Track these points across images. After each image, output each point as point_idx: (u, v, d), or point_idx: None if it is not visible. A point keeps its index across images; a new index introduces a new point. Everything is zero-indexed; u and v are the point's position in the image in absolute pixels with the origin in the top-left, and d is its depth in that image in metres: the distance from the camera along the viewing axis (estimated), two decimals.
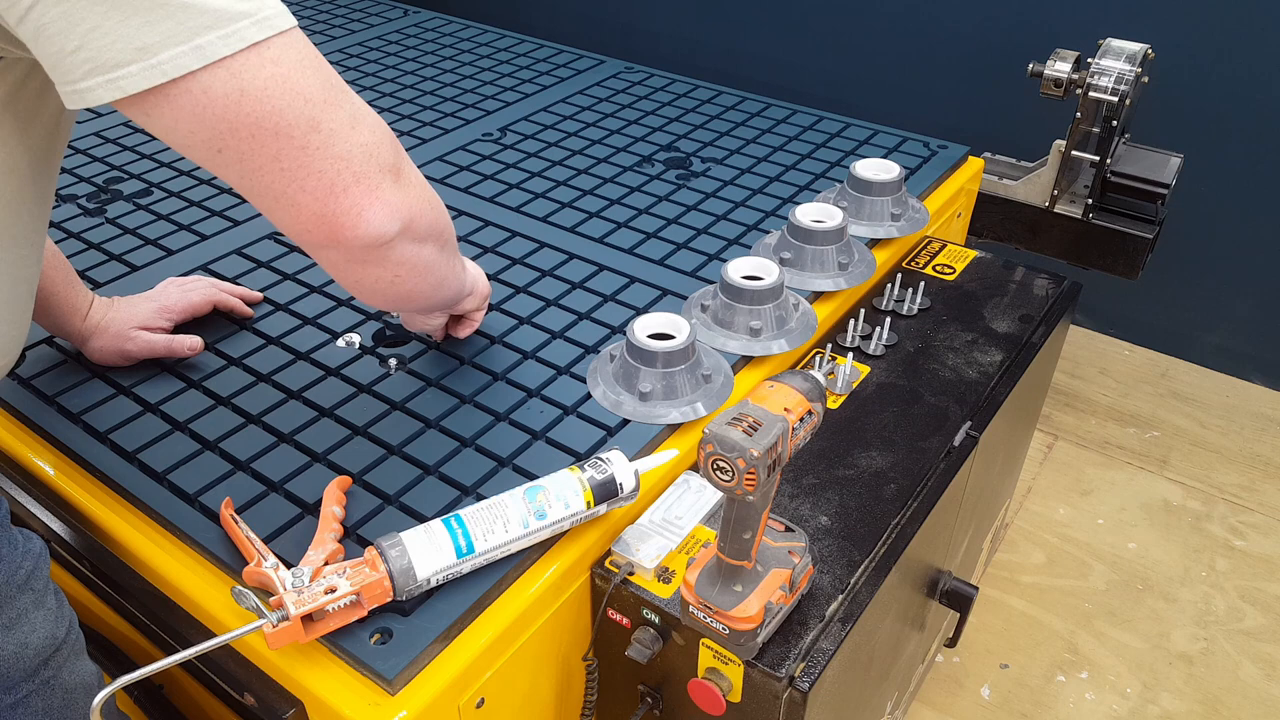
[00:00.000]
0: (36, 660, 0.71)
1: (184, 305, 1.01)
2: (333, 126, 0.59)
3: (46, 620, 0.72)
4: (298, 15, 1.95)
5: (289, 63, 0.56)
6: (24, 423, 0.94)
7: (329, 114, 0.59)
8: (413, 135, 1.48)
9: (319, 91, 0.58)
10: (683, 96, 1.63)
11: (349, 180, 0.60)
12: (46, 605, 0.72)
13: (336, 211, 0.61)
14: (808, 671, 0.74)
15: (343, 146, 0.60)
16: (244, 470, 0.86)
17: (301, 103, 0.57)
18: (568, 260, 1.18)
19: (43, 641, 0.72)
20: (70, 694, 0.76)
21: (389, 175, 0.63)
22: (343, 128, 0.60)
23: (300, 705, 0.73)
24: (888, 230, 1.22)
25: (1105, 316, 2.17)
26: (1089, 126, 1.50)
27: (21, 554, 0.70)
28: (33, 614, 0.71)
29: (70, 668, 0.75)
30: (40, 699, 0.73)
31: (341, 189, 0.60)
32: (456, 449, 0.89)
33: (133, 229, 1.22)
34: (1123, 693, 1.42)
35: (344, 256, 0.66)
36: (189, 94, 0.54)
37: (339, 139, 0.59)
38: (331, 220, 0.61)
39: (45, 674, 0.73)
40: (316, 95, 0.58)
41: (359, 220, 0.62)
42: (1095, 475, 1.81)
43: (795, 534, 0.78)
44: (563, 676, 0.86)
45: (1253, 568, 1.62)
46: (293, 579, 0.69)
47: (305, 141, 0.58)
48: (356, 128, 0.61)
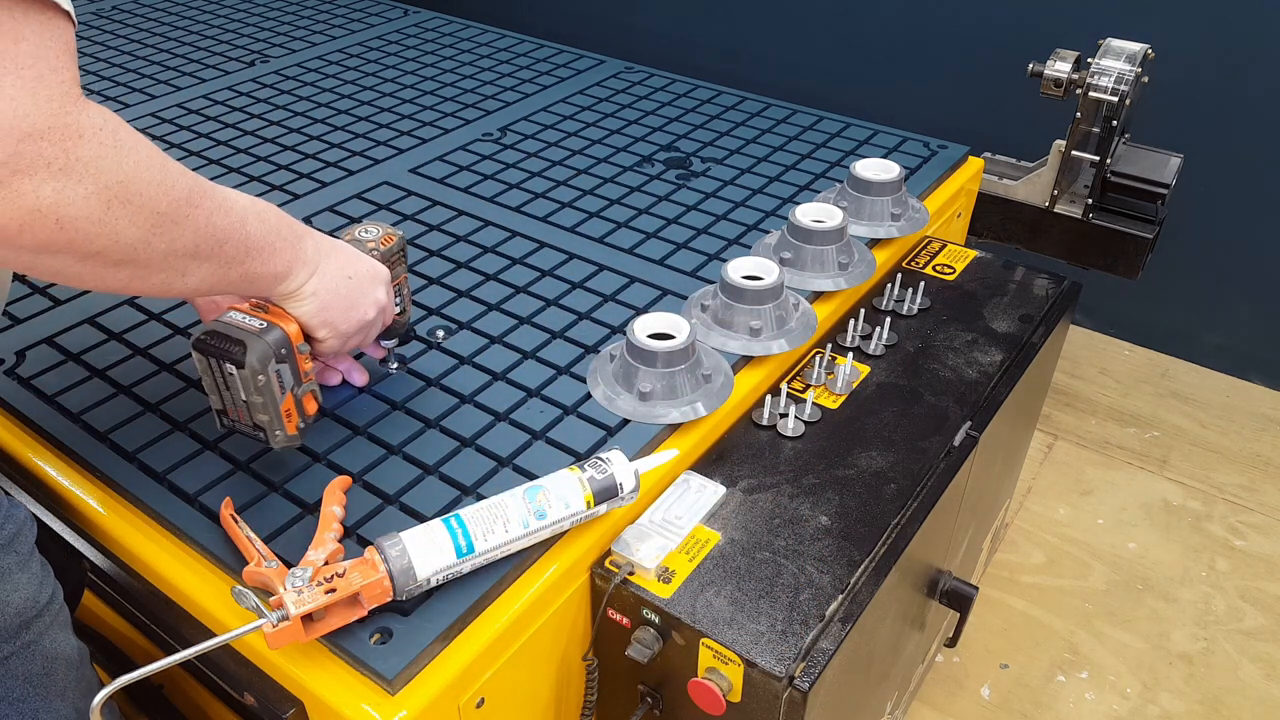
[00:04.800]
0: (17, 620, 0.71)
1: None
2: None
3: (30, 583, 0.72)
4: (298, 15, 1.96)
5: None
6: (24, 423, 0.94)
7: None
8: (413, 135, 1.48)
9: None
10: (683, 96, 1.63)
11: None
12: (30, 569, 0.72)
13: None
14: (808, 671, 0.74)
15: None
16: (244, 470, 0.86)
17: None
18: (568, 260, 1.18)
19: (24, 602, 0.71)
20: (51, 663, 0.75)
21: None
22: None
23: (300, 705, 0.73)
24: (888, 230, 1.22)
25: (1105, 316, 2.17)
26: (1089, 126, 1.50)
27: (5, 516, 0.70)
28: (15, 574, 0.70)
29: (52, 636, 0.75)
30: (20, 663, 0.72)
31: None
32: (456, 449, 0.89)
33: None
34: (1123, 693, 1.42)
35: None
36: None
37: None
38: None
39: (26, 637, 0.72)
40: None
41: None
42: (1095, 475, 1.81)
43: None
44: (563, 676, 0.86)
45: (1253, 568, 1.62)
46: (293, 579, 0.69)
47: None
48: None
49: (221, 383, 0.78)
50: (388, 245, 0.90)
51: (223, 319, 0.78)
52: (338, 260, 0.80)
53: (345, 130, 1.49)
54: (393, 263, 0.91)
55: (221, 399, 0.80)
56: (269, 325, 0.77)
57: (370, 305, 0.84)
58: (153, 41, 1.84)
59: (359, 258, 0.84)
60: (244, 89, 1.63)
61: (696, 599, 0.79)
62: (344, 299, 0.81)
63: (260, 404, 0.78)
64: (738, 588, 0.80)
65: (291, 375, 0.79)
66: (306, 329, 0.80)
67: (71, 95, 0.54)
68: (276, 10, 2.01)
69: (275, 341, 0.77)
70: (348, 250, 0.83)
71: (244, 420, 0.80)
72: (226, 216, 0.67)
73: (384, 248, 0.90)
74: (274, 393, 0.78)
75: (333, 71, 1.71)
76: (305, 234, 0.77)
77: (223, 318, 0.78)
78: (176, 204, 0.62)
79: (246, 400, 0.78)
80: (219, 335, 0.76)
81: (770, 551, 0.83)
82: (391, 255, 0.91)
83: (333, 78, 1.68)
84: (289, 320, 0.78)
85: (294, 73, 1.70)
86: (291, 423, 0.81)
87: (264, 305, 0.79)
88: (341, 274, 0.80)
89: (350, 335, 0.83)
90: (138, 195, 0.59)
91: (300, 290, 0.77)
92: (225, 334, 0.76)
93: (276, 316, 0.78)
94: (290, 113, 1.55)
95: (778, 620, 0.77)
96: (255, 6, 2.04)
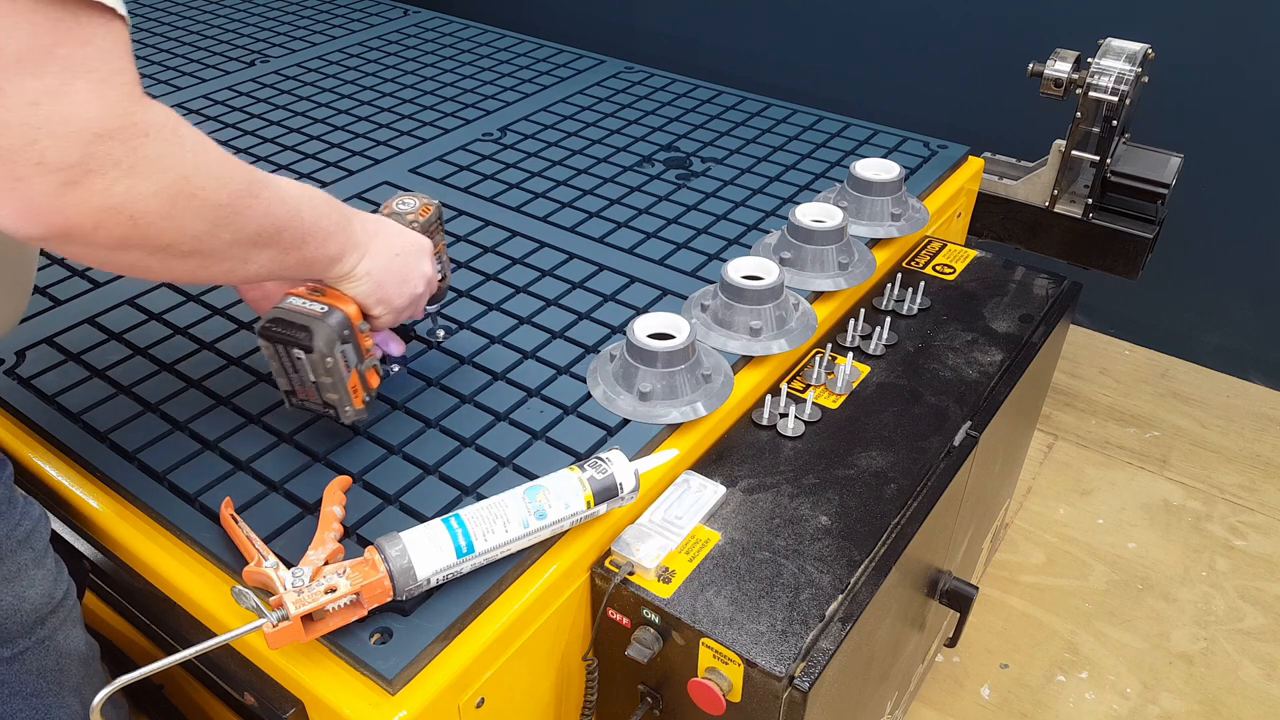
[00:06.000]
0: (33, 616, 0.73)
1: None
2: (5, 89, 0.51)
3: (45, 579, 0.73)
4: (298, 15, 1.96)
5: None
6: (24, 423, 0.94)
7: (12, 76, 0.51)
8: (413, 135, 1.48)
9: (17, 48, 0.50)
10: (683, 96, 1.63)
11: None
12: (45, 566, 0.74)
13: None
14: (808, 671, 0.74)
15: (1, 113, 0.51)
16: (244, 470, 0.86)
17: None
18: (568, 260, 1.18)
19: (40, 598, 0.73)
20: (64, 659, 0.77)
21: (50, 174, 0.53)
22: (19, 97, 0.51)
23: (300, 705, 0.73)
24: (888, 230, 1.22)
25: (1105, 316, 2.17)
26: (1089, 126, 1.50)
27: (21, 513, 0.71)
28: (32, 571, 0.72)
29: (66, 632, 0.76)
30: (35, 658, 0.74)
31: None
32: (456, 449, 0.89)
33: None
34: (1123, 693, 1.42)
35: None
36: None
37: (3, 104, 0.51)
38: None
39: (41, 633, 0.74)
40: (10, 49, 0.50)
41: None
42: (1095, 475, 1.81)
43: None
44: (563, 676, 0.86)
45: (1253, 568, 1.62)
46: (293, 579, 0.69)
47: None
48: (39, 106, 0.52)
49: (289, 366, 0.80)
50: (426, 216, 0.93)
51: (284, 305, 0.79)
52: (385, 238, 0.83)
53: (345, 130, 1.49)
54: (431, 232, 0.93)
55: (289, 381, 0.82)
56: (330, 309, 0.79)
57: (419, 279, 0.87)
58: (153, 41, 1.84)
59: (402, 233, 0.86)
60: (244, 89, 1.63)
61: (696, 599, 0.79)
62: (395, 276, 0.83)
63: (329, 384, 0.80)
64: (738, 588, 0.80)
65: (355, 354, 0.82)
66: (363, 307, 0.82)
67: (135, 95, 0.56)
68: (276, 10, 2.01)
69: (338, 324, 0.79)
70: (392, 227, 0.85)
71: (313, 399, 0.83)
72: (283, 204, 0.69)
73: (423, 218, 0.92)
74: (341, 372, 0.80)
75: (333, 71, 1.71)
76: (353, 215, 0.80)
77: (283, 304, 0.79)
78: (237, 195, 0.64)
79: (315, 381, 0.80)
80: (284, 323, 0.78)
81: (770, 551, 0.83)
82: (430, 225, 0.93)
83: (333, 78, 1.68)
84: (347, 301, 0.80)
85: (294, 73, 1.70)
86: (358, 397, 0.83)
87: (320, 289, 0.81)
88: (390, 251, 0.83)
89: (403, 310, 0.87)
90: (201, 189, 0.61)
91: (354, 271, 0.79)
92: (290, 320, 0.78)
93: (334, 299, 0.80)
94: (290, 113, 1.55)
95: (778, 620, 0.77)
96: (255, 6, 2.04)
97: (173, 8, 2.02)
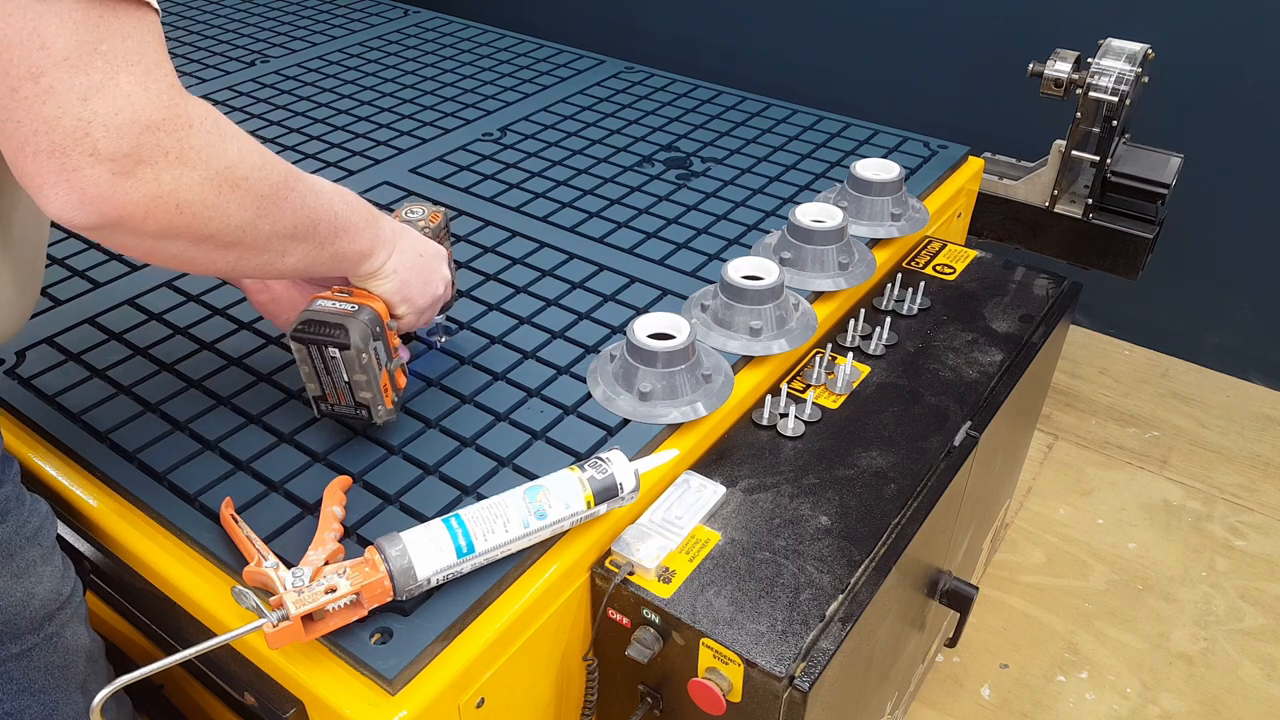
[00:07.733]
0: (42, 613, 0.73)
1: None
2: (56, 86, 0.53)
3: (53, 575, 0.74)
4: (298, 15, 1.96)
5: (44, 4, 0.51)
6: (24, 423, 0.94)
7: (63, 73, 0.53)
8: (413, 135, 1.48)
9: (65, 46, 0.52)
10: (683, 96, 1.63)
11: (43, 147, 0.54)
12: (53, 562, 0.74)
13: (22, 172, 0.56)
14: (808, 671, 0.74)
15: (54, 109, 0.53)
16: (244, 470, 0.86)
17: (36, 48, 0.52)
18: (568, 260, 1.18)
19: (48, 594, 0.73)
20: (71, 655, 0.77)
21: (102, 164, 0.55)
22: (70, 93, 0.53)
23: (300, 705, 0.73)
24: (888, 230, 1.22)
25: (1105, 316, 2.17)
26: (1089, 126, 1.50)
27: (29, 510, 0.72)
28: (40, 567, 0.72)
29: (73, 629, 0.77)
30: (43, 654, 0.74)
31: (31, 153, 0.54)
32: (456, 449, 0.89)
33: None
34: (1123, 693, 1.42)
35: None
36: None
37: (55, 101, 0.53)
38: (20, 175, 0.56)
39: (49, 629, 0.74)
40: (58, 48, 0.52)
41: (39, 192, 0.56)
42: (1095, 475, 1.81)
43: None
44: (563, 676, 0.86)
45: (1253, 568, 1.62)
46: (293, 579, 0.69)
47: (17, 85, 0.53)
48: (88, 101, 0.54)
49: (322, 368, 0.80)
50: (435, 222, 0.94)
51: (312, 308, 0.79)
52: (409, 239, 0.85)
53: (345, 130, 1.49)
54: (440, 238, 0.94)
55: (320, 384, 0.82)
56: (360, 306, 0.80)
57: (440, 281, 0.89)
58: None
59: (422, 237, 0.87)
60: (244, 89, 1.63)
61: (696, 599, 0.79)
62: (420, 275, 0.85)
63: (363, 382, 0.80)
64: (738, 588, 0.80)
65: (384, 352, 0.82)
66: (389, 306, 0.83)
67: (177, 87, 0.58)
68: (276, 10, 2.01)
69: (370, 320, 0.79)
70: (412, 230, 0.87)
71: (345, 402, 0.83)
72: (318, 199, 0.71)
73: (433, 224, 0.93)
74: (375, 369, 0.80)
75: (333, 71, 1.71)
76: (379, 214, 0.81)
77: (312, 306, 0.80)
78: (277, 187, 0.66)
79: (349, 381, 0.80)
80: (316, 323, 0.78)
81: (770, 551, 0.83)
82: (440, 231, 0.94)
83: (333, 78, 1.68)
84: (374, 299, 0.81)
85: (294, 73, 1.70)
86: (389, 397, 0.84)
87: (346, 289, 0.81)
88: (414, 252, 0.85)
89: (424, 310, 0.88)
90: (244, 180, 0.62)
91: (382, 269, 0.81)
92: (322, 320, 0.78)
93: (362, 297, 0.81)
94: (290, 113, 1.55)
95: (778, 620, 0.77)
96: (255, 6, 2.04)
97: (173, 8, 2.02)
